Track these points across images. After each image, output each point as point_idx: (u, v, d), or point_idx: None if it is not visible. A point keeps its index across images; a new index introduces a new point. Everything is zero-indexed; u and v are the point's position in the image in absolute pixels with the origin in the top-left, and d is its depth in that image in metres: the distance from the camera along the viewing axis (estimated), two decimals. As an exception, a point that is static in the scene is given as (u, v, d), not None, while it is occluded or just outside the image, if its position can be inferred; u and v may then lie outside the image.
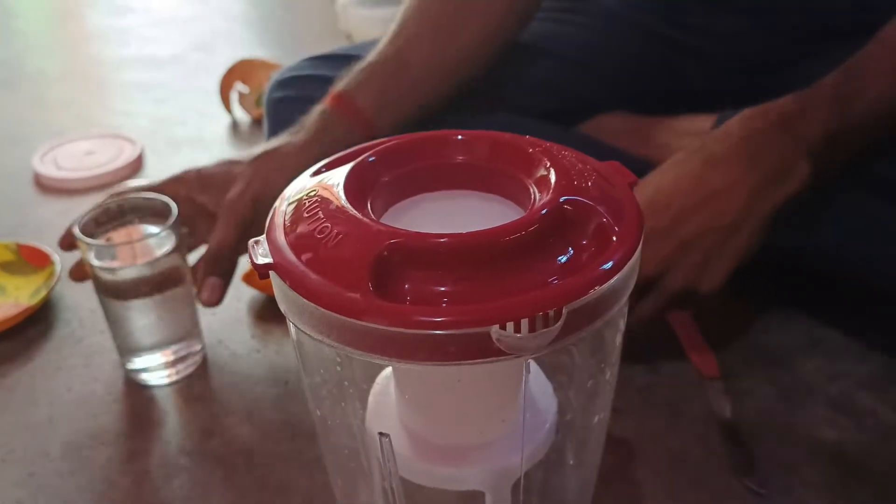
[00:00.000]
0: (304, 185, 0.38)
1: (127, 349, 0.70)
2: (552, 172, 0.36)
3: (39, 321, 0.79)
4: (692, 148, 0.64)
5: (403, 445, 0.40)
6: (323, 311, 0.31)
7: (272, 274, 0.34)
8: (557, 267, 0.32)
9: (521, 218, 0.33)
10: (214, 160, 0.71)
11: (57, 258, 0.83)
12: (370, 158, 0.39)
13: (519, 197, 0.37)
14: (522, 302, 0.30)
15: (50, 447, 0.65)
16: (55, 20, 1.93)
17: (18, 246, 0.87)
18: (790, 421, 0.64)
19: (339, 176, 0.37)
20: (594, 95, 0.85)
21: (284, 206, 0.37)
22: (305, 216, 0.35)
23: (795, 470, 0.60)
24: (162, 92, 1.38)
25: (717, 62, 0.81)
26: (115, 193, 0.69)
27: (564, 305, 0.30)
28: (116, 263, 0.65)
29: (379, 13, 1.41)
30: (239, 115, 1.25)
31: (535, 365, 0.43)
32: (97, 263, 0.65)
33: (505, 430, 0.40)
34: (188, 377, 0.71)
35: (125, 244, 0.66)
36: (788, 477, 0.59)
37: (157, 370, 0.70)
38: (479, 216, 0.37)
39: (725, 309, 0.75)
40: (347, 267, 0.32)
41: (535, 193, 0.36)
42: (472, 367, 0.31)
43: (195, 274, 0.68)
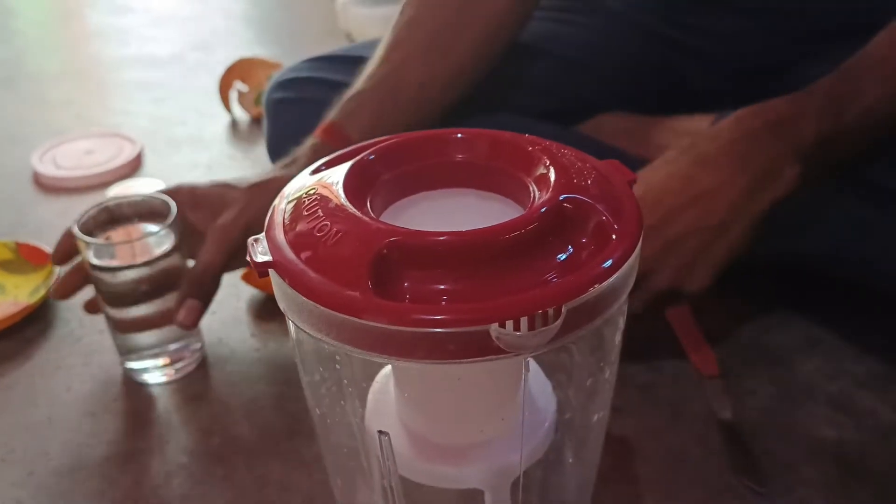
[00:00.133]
0: (303, 183, 0.38)
1: (126, 348, 0.70)
2: (552, 171, 0.36)
3: (38, 320, 0.79)
4: (683, 147, 0.64)
5: (403, 444, 0.40)
6: (322, 309, 0.31)
7: (271, 272, 0.34)
8: (557, 265, 0.32)
9: (520, 216, 0.33)
10: (214, 159, 0.71)
11: (56, 257, 0.83)
12: (370, 157, 0.38)
13: (518, 195, 0.37)
14: (522, 300, 0.30)
15: (49, 446, 0.65)
16: (55, 20, 1.93)
17: (17, 245, 0.87)
18: (790, 421, 0.64)
19: (338, 174, 0.37)
20: (594, 95, 0.85)
21: (284, 204, 0.37)
22: (305, 214, 0.35)
23: (795, 469, 0.59)
24: (161, 91, 1.38)
25: (716, 62, 0.81)
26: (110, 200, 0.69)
27: (564, 304, 0.30)
28: (115, 262, 0.65)
29: (379, 12, 1.41)
30: (238, 113, 1.25)
31: (534, 363, 0.43)
32: (96, 262, 0.65)
33: (504, 428, 0.40)
34: (188, 376, 0.71)
35: (124, 243, 0.66)
36: (788, 476, 0.59)
37: (155, 369, 0.70)
38: (478, 214, 0.37)
39: (725, 309, 0.75)
40: (347, 265, 0.32)
41: (534, 192, 0.36)
42: (471, 365, 0.31)
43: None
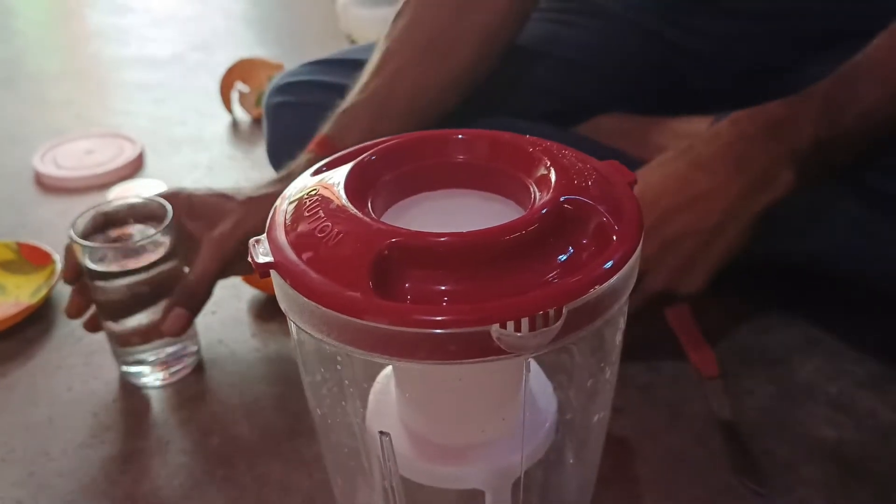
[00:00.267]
0: (304, 184, 0.38)
1: (122, 351, 0.70)
2: (552, 172, 0.36)
3: (39, 320, 0.80)
4: (681, 148, 0.64)
5: (404, 444, 0.40)
6: (323, 310, 0.31)
7: (273, 273, 0.34)
8: (557, 266, 0.32)
9: (521, 217, 0.33)
10: (214, 160, 0.71)
11: (57, 257, 0.83)
12: (371, 157, 0.39)
13: (519, 196, 0.37)
14: (523, 301, 0.30)
15: (50, 446, 0.65)
16: (55, 20, 1.93)
17: (19, 245, 0.87)
18: (790, 421, 0.64)
19: (339, 175, 0.37)
20: (594, 96, 0.85)
21: (285, 204, 0.37)
22: (306, 215, 0.35)
23: (795, 469, 0.60)
24: (162, 91, 1.38)
25: (716, 63, 0.81)
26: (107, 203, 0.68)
27: (565, 304, 0.30)
28: (113, 267, 0.65)
29: (379, 13, 1.42)
30: (239, 114, 1.25)
31: (535, 364, 0.43)
32: (92, 267, 0.65)
33: (505, 429, 0.40)
34: (189, 377, 0.71)
35: (121, 246, 0.66)
36: (788, 476, 0.59)
37: (151, 373, 0.70)
38: (479, 215, 0.37)
39: (724, 309, 0.75)
40: (348, 266, 0.32)
41: (535, 193, 0.36)
42: (472, 365, 0.31)
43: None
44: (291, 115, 0.80)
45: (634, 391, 0.67)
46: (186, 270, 0.67)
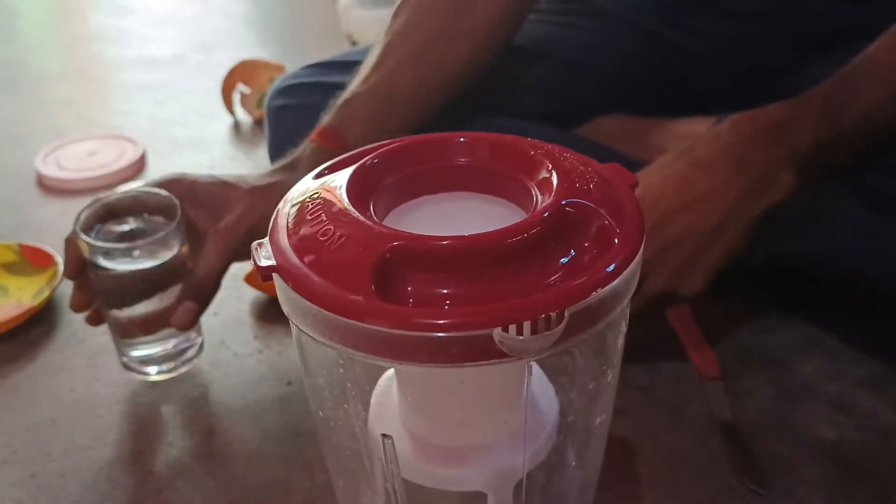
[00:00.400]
0: (306, 187, 0.38)
1: (124, 342, 0.70)
2: (554, 175, 0.36)
3: (42, 322, 0.80)
4: (681, 150, 0.64)
5: (406, 447, 0.40)
6: (326, 313, 0.32)
7: (275, 276, 0.34)
8: (559, 269, 0.32)
9: (523, 220, 0.33)
10: (216, 161, 0.71)
11: (59, 259, 0.83)
12: (372, 161, 0.39)
13: (521, 199, 0.38)
14: (525, 304, 0.30)
15: (52, 448, 0.65)
16: (57, 20, 1.93)
17: (21, 246, 0.87)
18: (790, 421, 0.64)
19: (341, 178, 0.37)
20: (594, 97, 0.85)
21: (287, 208, 0.37)
22: (308, 218, 0.35)
23: (795, 469, 0.60)
24: (163, 92, 1.38)
25: (716, 65, 0.81)
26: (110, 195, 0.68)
27: (566, 308, 0.31)
28: (116, 259, 0.65)
29: (381, 14, 1.41)
30: (241, 115, 1.25)
31: (537, 367, 0.43)
32: (97, 261, 0.65)
33: (507, 431, 0.40)
34: (190, 377, 0.71)
35: (125, 240, 0.66)
36: (788, 476, 0.59)
37: (154, 364, 0.70)
38: (481, 218, 0.37)
39: (725, 309, 0.75)
40: (350, 269, 0.32)
41: (536, 195, 0.36)
42: (474, 369, 0.31)
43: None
44: (293, 117, 0.80)
45: (635, 392, 0.67)
46: (186, 251, 0.66)
